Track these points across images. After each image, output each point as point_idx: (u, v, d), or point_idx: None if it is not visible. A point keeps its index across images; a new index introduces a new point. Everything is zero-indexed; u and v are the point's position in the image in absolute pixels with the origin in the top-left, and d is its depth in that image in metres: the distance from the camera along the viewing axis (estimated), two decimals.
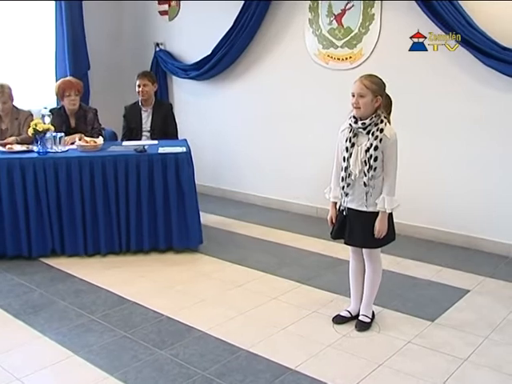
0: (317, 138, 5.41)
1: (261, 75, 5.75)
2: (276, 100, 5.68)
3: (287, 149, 5.70)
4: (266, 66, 5.68)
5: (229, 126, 6.13)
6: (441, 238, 4.81)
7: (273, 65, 5.64)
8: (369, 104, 2.92)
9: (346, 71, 5.06)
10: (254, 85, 5.82)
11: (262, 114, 5.82)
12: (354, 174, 3.03)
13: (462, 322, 3.33)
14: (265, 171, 5.91)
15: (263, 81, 5.74)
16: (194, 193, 4.41)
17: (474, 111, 4.41)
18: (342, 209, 3.13)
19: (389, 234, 3.07)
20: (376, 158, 2.95)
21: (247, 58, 5.81)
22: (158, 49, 6.50)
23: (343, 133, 3.07)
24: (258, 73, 5.77)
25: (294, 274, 4.07)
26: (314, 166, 5.46)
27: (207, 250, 4.53)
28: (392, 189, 3.01)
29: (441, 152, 4.71)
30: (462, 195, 4.66)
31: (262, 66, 5.72)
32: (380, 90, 2.94)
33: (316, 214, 5.48)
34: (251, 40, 5.67)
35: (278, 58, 5.59)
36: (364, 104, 2.91)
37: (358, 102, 2.93)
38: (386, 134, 2.93)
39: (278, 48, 5.56)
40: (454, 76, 4.43)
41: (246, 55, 5.80)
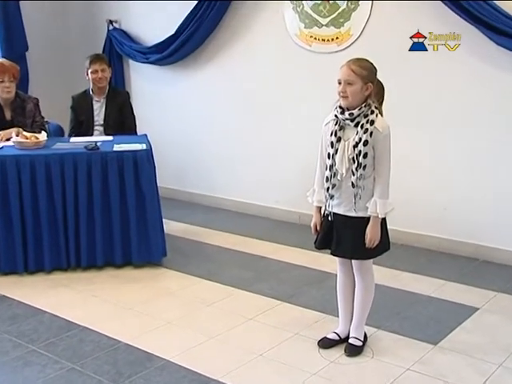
0: (299, 132, 5.42)
1: (233, 60, 5.75)
2: (251, 89, 5.69)
3: (265, 145, 5.72)
4: (240, 49, 5.68)
5: (197, 120, 6.13)
6: (444, 248, 4.85)
7: (247, 48, 5.64)
8: (358, 92, 2.93)
9: (332, 54, 5.07)
10: (226, 71, 5.82)
11: (235, 106, 5.83)
12: (340, 174, 3.03)
13: (470, 345, 3.34)
14: (239, 172, 5.92)
15: (236, 67, 5.74)
16: (156, 197, 4.42)
17: (481, 106, 4.47)
18: (327, 214, 3.14)
19: (382, 243, 3.08)
20: (366, 154, 2.95)
21: (217, 39, 5.80)
22: (112, 27, 6.47)
23: (328, 126, 3.09)
24: (230, 57, 5.77)
25: (273, 290, 4.09)
26: (297, 165, 5.47)
27: (172, 263, 4.53)
28: (385, 190, 3.02)
29: (443, 148, 4.74)
30: (468, 197, 4.68)
31: (234, 49, 5.72)
32: (371, 76, 2.96)
33: (299, 220, 5.49)
34: (222, 18, 5.67)
35: (253, 39, 5.59)
36: (352, 92, 2.93)
37: (345, 91, 2.94)
38: (378, 127, 2.95)
39: (253, 28, 5.56)
40: (461, 61, 4.47)
41: (215, 36, 5.79)
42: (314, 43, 5.21)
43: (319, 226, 3.19)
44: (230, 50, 5.74)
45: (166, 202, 5.11)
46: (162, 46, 6.03)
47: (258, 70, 5.61)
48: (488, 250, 4.63)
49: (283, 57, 5.42)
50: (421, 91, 4.67)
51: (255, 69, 5.63)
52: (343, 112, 3.01)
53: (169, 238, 4.69)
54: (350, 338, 3.28)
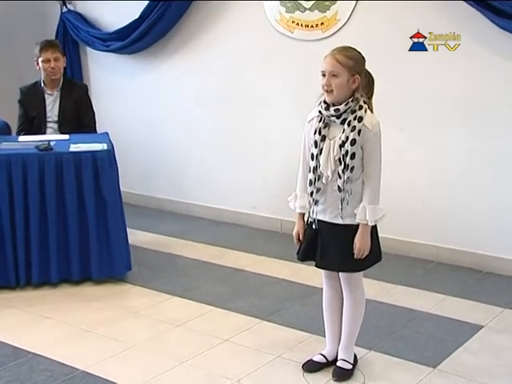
0: (280, 130, 5.42)
1: (206, 49, 5.72)
2: (226, 82, 5.67)
3: (242, 145, 5.70)
4: (213, 36, 5.65)
5: (166, 117, 6.12)
6: (443, 258, 4.85)
7: (221, 35, 5.61)
8: (344, 85, 2.94)
9: (316, 42, 5.08)
10: (198, 62, 5.80)
11: (208, 101, 5.81)
12: (325, 177, 3.04)
13: (474, 368, 3.32)
14: (214, 175, 5.90)
15: (209, 56, 5.72)
16: (118, 204, 4.41)
17: (481, 106, 4.52)
18: (311, 221, 3.14)
19: (373, 254, 3.08)
20: (353, 154, 2.96)
21: (188, 25, 5.78)
22: (66, 9, 6.41)
23: (311, 123, 3.10)
24: (202, 46, 5.74)
25: (252, 307, 4.08)
26: (277, 166, 5.48)
27: (137, 279, 4.51)
28: (375, 195, 3.03)
29: (441, 149, 4.75)
30: (470, 201, 4.68)
31: (207, 37, 5.69)
32: (358, 67, 2.97)
33: (280, 228, 5.50)
34: (193, 1, 5.64)
35: (227, 25, 5.57)
36: (338, 86, 2.94)
37: (329, 84, 2.95)
38: (367, 124, 2.95)
39: (228, 12, 5.53)
40: (461, 61, 4.52)
41: (186, 21, 5.77)
42: (296, 29, 5.20)
43: (302, 234, 3.19)
44: (202, 37, 5.72)
45: (130, 210, 5.10)
46: (124, 31, 5.99)
47: (233, 60, 5.61)
48: (493, 260, 4.63)
49: (262, 45, 5.41)
50: (420, 91, 4.70)
51: (230, 59, 5.62)
52: (328, 108, 3.01)
53: (134, 250, 4.68)
54: (338, 360, 3.26)
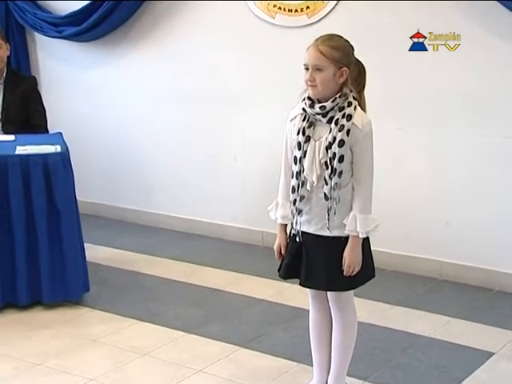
0: (261, 130, 5.42)
1: (175, 37, 5.72)
2: (199, 75, 5.67)
3: (218, 148, 5.72)
4: (183, 22, 5.65)
5: (130, 115, 6.12)
6: (447, 275, 4.85)
7: (193, 20, 5.60)
8: (330, 80, 2.96)
9: (301, 29, 5.08)
10: (166, 51, 5.79)
11: (179, 97, 5.81)
12: (310, 183, 3.05)
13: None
14: (186, 181, 5.91)
15: (179, 45, 5.71)
16: (74, 215, 4.40)
17: (482, 107, 4.59)
18: (295, 233, 3.14)
19: (365, 270, 3.08)
20: (342, 157, 2.96)
21: (154, 8, 5.77)
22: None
23: (293, 122, 3.11)
24: (170, 33, 5.74)
25: (229, 332, 4.08)
26: (258, 171, 5.49)
27: (97, 301, 4.48)
28: (367, 203, 3.04)
29: (443, 149, 4.78)
30: (476, 210, 4.69)
31: (176, 23, 5.69)
32: (345, 58, 2.98)
33: (261, 241, 5.52)
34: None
35: (199, 9, 5.55)
36: (323, 80, 2.95)
37: (313, 78, 2.96)
38: (357, 123, 2.96)
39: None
40: (461, 61, 4.63)
41: (151, 4, 5.76)
42: (278, 14, 5.21)
43: (284, 248, 3.19)
44: (171, 23, 5.71)
45: (89, 221, 5.11)
46: (80, 15, 5.94)
47: (206, 50, 5.61)
48: (505, 278, 4.64)
49: (238, 33, 5.42)
50: (419, 90, 4.78)
51: (203, 49, 5.62)
52: (313, 105, 3.02)
53: (93, 269, 4.67)
54: None
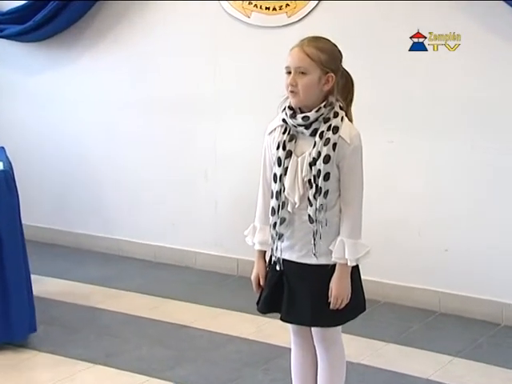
0: (235, 143, 5.48)
1: (136, 38, 5.74)
2: (165, 81, 5.69)
3: (187, 164, 5.73)
4: (145, 21, 5.67)
5: (84, 126, 6.11)
6: (447, 307, 4.84)
7: (157, 19, 5.63)
8: (314, 86, 2.96)
9: (280, 29, 5.11)
10: (125, 54, 5.82)
11: (141, 105, 5.83)
12: (292, 204, 3.03)
13: None
14: (150, 203, 5.92)
15: (141, 47, 5.73)
16: (19, 242, 4.37)
17: (483, 108, 4.68)
18: (275, 261, 3.11)
19: (354, 302, 3.07)
20: (327, 175, 2.95)
21: (111, 6, 5.78)
22: None
23: (273, 135, 3.10)
24: (130, 33, 5.76)
25: (199, 376, 4.06)
26: (232, 191, 5.51)
27: (45, 343, 4.42)
28: (356, 226, 3.04)
29: (443, 165, 4.81)
30: (481, 235, 4.71)
31: (137, 22, 5.70)
32: (333, 63, 2.98)
33: (237, 271, 5.54)
34: None
35: (164, 7, 5.57)
36: (306, 86, 2.95)
37: (295, 83, 2.96)
38: (344, 136, 2.96)
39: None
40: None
41: (108, 4, 5.78)
42: (254, 13, 5.23)
43: (263, 279, 3.17)
44: (132, 22, 5.72)
45: (37, 249, 5.09)
46: (24, 12, 5.93)
47: (172, 52, 5.63)
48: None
49: (209, 33, 5.43)
50: (416, 95, 4.88)
51: (168, 52, 5.63)
52: (294, 115, 3.01)
53: (41, 304, 4.61)
54: None
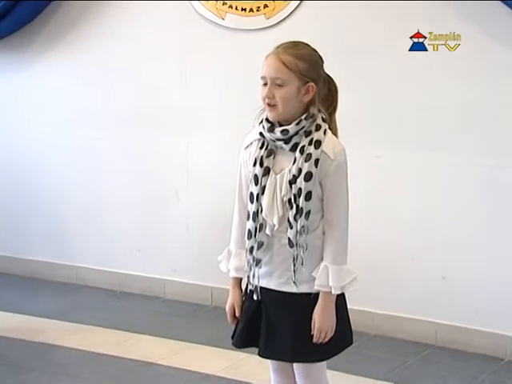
0: (208, 160, 5.52)
1: (97, 42, 5.77)
2: (130, 90, 5.74)
3: (155, 182, 5.76)
4: (108, 23, 5.71)
5: (36, 140, 6.15)
6: (445, 340, 4.86)
7: (120, 22, 5.67)
8: (293, 97, 2.96)
9: (257, 33, 5.18)
10: (85, 60, 5.83)
11: (103, 117, 5.86)
12: (270, 226, 3.02)
13: None
14: (114, 226, 5.93)
15: (102, 53, 5.76)
16: None
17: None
18: (252, 290, 3.10)
19: (340, 335, 3.05)
20: (309, 194, 2.94)
21: (69, 6, 5.78)
22: None
23: (249, 150, 3.10)
24: (91, 37, 5.79)
25: None
26: (205, 212, 5.56)
27: None
28: (341, 250, 3.03)
29: (439, 183, 4.88)
30: (482, 260, 4.74)
31: (98, 25, 5.74)
32: (314, 71, 2.99)
33: (210, 300, 5.56)
34: None
35: (129, 8, 5.61)
36: (284, 98, 2.95)
37: (272, 95, 2.95)
38: (327, 151, 2.96)
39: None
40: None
41: (65, 5, 5.81)
42: (228, 14, 5.28)
43: (239, 309, 3.15)
44: (92, 25, 5.74)
45: None
46: None
47: (137, 58, 5.66)
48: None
49: (179, 37, 5.48)
50: (407, 106, 5.01)
51: (133, 57, 5.68)
52: (272, 128, 2.99)
53: None
54: None
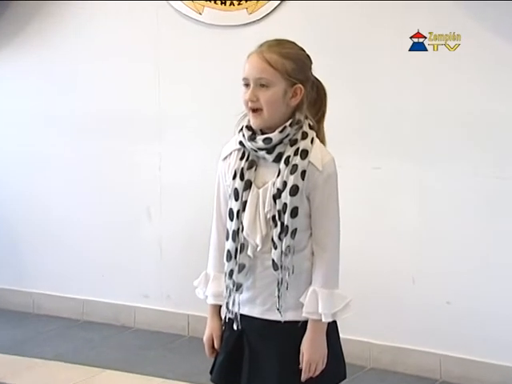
0: (183, 173, 5.57)
1: (57, 40, 5.81)
2: (94, 94, 5.79)
3: (123, 199, 5.80)
4: (71, 20, 5.75)
5: None
6: (450, 375, 4.89)
7: (84, 18, 5.72)
8: (279, 101, 2.94)
9: (239, 29, 5.25)
10: (44, 60, 5.89)
11: (64, 125, 5.89)
12: (252, 246, 2.99)
13: None
14: (75, 247, 5.95)
15: (64, 52, 5.81)
16: None
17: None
18: (231, 318, 3.06)
19: (332, 368, 3.04)
20: (295, 210, 2.91)
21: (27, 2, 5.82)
22: None
23: (228, 161, 3.08)
24: (50, 34, 5.82)
25: None
26: (179, 232, 5.60)
27: None
28: (332, 273, 3.01)
29: (447, 199, 4.94)
30: (491, 286, 4.79)
31: (59, 21, 5.77)
32: (302, 72, 2.98)
33: (186, 330, 5.59)
34: None
35: (91, 5, 5.65)
36: (269, 101, 2.93)
37: (256, 98, 2.93)
38: (315, 162, 2.94)
39: None
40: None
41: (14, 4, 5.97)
42: (206, 8, 5.33)
43: (218, 340, 3.13)
44: (57, 20, 5.76)
45: None
46: None
47: (105, 57, 5.71)
48: None
49: (151, 34, 5.54)
50: (408, 112, 5.11)
51: (100, 55, 5.72)
52: (254, 136, 2.97)
53: None
54: None
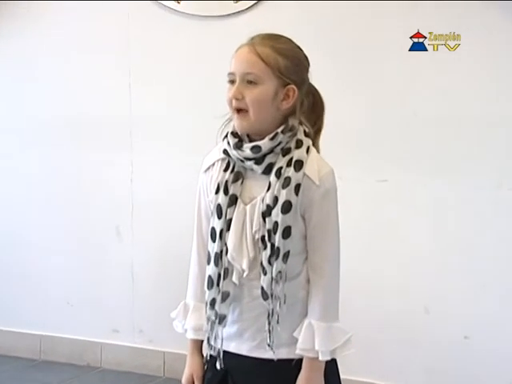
0: (159, 186, 5.66)
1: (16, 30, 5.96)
2: (55, 97, 5.91)
3: (90, 216, 5.90)
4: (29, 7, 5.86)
5: None
6: None
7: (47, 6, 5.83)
8: (268, 101, 2.87)
9: (223, 21, 5.40)
10: (9, 59, 6.06)
11: (22, 132, 6.03)
12: (238, 271, 2.91)
13: None
14: (33, 275, 6.04)
15: (23, 46, 5.96)
16: None
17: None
18: (214, 356, 2.99)
19: None
20: (288, 230, 2.83)
21: None
22: None
23: (210, 173, 3.03)
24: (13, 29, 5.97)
25: None
26: (154, 255, 5.66)
27: None
28: (331, 303, 2.93)
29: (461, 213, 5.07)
30: None
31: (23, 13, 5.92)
32: (296, 71, 2.91)
33: (162, 369, 5.63)
34: None
35: None
36: (257, 100, 2.85)
37: (241, 95, 2.86)
38: (310, 174, 2.86)
39: None
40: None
41: None
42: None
43: (199, 381, 3.08)
44: (19, 15, 5.92)
45: None
46: None
47: (67, 53, 5.80)
48: None
49: (122, 25, 5.67)
50: (416, 118, 5.26)
51: (62, 51, 5.82)
52: (241, 144, 2.89)
53: None
54: None
